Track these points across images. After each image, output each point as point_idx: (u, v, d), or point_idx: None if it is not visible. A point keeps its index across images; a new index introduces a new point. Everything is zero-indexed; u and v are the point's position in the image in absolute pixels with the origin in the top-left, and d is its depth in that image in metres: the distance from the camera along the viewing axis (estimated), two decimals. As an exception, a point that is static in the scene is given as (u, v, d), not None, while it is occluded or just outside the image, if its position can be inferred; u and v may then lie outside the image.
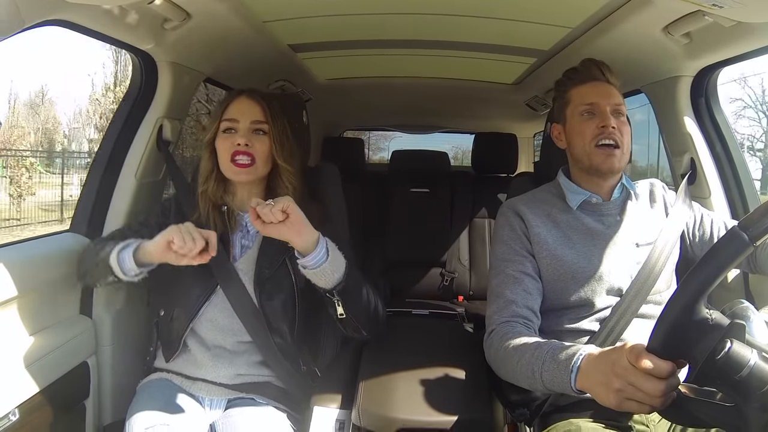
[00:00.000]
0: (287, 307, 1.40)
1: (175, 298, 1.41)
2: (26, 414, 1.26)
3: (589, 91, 1.35)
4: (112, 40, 1.44)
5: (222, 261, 1.38)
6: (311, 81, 2.58)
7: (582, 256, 1.31)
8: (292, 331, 1.42)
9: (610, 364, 0.86)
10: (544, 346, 1.06)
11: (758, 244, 0.74)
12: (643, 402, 0.81)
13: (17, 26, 1.06)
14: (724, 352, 0.74)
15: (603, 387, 0.87)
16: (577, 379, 0.94)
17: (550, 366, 1.01)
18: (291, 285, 1.40)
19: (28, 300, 1.33)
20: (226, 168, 1.39)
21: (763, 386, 0.72)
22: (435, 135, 4.69)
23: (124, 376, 1.59)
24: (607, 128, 1.29)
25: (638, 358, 0.80)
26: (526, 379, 1.09)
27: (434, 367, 1.47)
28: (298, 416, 1.41)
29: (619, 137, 1.30)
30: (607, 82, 1.35)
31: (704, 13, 1.26)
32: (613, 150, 1.30)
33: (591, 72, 1.37)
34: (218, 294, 1.39)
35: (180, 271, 1.32)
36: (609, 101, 1.32)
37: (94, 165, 1.66)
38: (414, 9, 1.70)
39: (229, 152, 1.37)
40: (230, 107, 1.41)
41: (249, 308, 1.38)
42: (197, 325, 1.39)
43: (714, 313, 0.77)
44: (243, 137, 1.37)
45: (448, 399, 1.36)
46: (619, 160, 1.31)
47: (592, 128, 1.31)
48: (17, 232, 10.44)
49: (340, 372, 1.51)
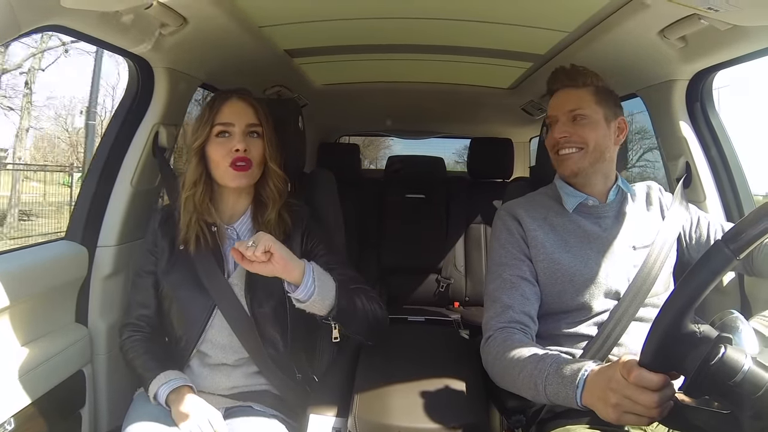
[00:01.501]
0: (278, 313, 1.39)
1: (177, 326, 1.40)
2: (22, 423, 1.25)
3: (553, 103, 1.41)
4: (108, 46, 1.43)
5: (218, 282, 1.37)
6: (307, 86, 2.58)
7: (579, 259, 1.31)
8: (285, 339, 1.41)
9: (607, 380, 0.88)
10: (547, 359, 1.07)
11: (742, 257, 0.76)
12: (641, 414, 0.83)
13: (14, 32, 1.05)
14: (718, 358, 0.74)
15: (602, 402, 0.89)
16: (583, 395, 0.96)
17: (554, 380, 1.02)
18: (281, 290, 1.36)
19: (23, 308, 1.32)
20: (222, 173, 1.36)
21: (757, 391, 0.72)
22: (440, 141, 4.69)
23: (120, 385, 1.58)
24: (556, 139, 1.35)
25: (630, 372, 0.82)
26: (529, 390, 1.09)
27: (430, 373, 1.46)
28: (295, 424, 1.41)
29: (578, 140, 1.33)
30: (574, 87, 1.37)
31: (700, 17, 1.27)
32: (567, 156, 1.34)
33: (555, 83, 1.41)
34: (217, 315, 1.38)
35: (177, 298, 1.36)
36: (564, 109, 1.36)
37: (89, 172, 1.65)
38: (410, 14, 1.70)
39: (228, 158, 1.34)
40: (223, 110, 1.36)
41: (244, 322, 1.37)
42: (201, 347, 1.39)
43: (702, 326, 0.78)
44: (241, 142, 1.34)
45: (445, 406, 1.35)
46: (578, 162, 1.34)
47: (553, 139, 1.37)
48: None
49: (336, 379, 1.50)
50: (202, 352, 1.40)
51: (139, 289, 1.43)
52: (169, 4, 1.33)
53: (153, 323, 1.43)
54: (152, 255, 1.42)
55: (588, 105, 1.34)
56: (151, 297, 1.42)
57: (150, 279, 1.42)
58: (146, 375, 1.33)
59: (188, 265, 1.37)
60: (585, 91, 1.36)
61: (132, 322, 1.42)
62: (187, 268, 1.38)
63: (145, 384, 1.33)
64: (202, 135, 1.36)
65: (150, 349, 1.38)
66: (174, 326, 1.40)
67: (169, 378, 1.31)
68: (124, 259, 1.63)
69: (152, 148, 1.67)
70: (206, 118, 1.36)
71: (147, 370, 1.34)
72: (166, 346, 1.43)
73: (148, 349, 1.38)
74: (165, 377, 1.31)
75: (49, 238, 1.73)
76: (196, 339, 1.37)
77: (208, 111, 1.37)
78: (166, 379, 1.31)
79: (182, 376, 1.34)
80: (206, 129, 1.35)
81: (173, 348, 1.41)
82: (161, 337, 1.43)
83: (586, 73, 1.38)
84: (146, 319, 1.42)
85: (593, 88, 1.37)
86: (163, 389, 1.30)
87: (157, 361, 1.35)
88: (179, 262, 1.39)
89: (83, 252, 1.54)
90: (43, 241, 1.59)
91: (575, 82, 1.37)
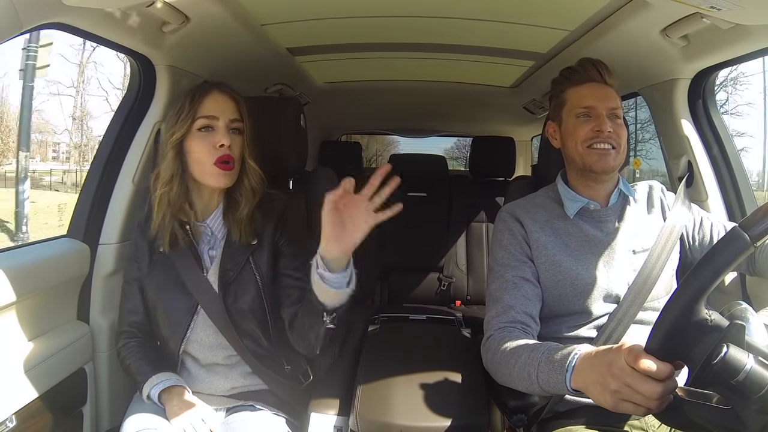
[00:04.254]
0: (255, 308, 1.36)
1: (162, 327, 1.39)
2: (23, 421, 1.25)
3: (586, 93, 1.34)
4: (110, 44, 1.43)
5: (197, 279, 1.36)
6: (309, 84, 2.58)
7: (580, 263, 1.31)
8: (266, 332, 1.39)
9: (607, 364, 0.85)
10: (540, 348, 1.07)
11: (759, 244, 0.75)
12: (639, 404, 0.81)
13: (15, 30, 1.05)
14: (720, 357, 0.74)
15: (599, 386, 0.87)
16: (572, 378, 0.95)
17: (546, 367, 1.01)
18: (256, 285, 1.35)
19: (25, 305, 1.32)
20: (204, 171, 1.31)
21: (760, 389, 0.72)
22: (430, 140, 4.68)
23: (122, 383, 1.57)
24: (602, 133, 1.29)
25: (637, 359, 0.79)
26: (522, 381, 1.09)
27: (432, 372, 1.46)
28: (297, 422, 1.41)
29: (616, 139, 1.30)
30: (605, 84, 1.35)
31: (702, 16, 1.27)
32: (608, 150, 1.30)
33: (588, 73, 1.36)
34: (200, 313, 1.37)
35: (160, 300, 1.36)
36: (606, 104, 1.32)
37: (91, 169, 1.65)
38: (412, 12, 1.70)
39: (212, 154, 1.29)
40: (205, 103, 1.30)
41: (223, 317, 1.36)
42: (188, 347, 1.38)
43: (713, 314, 0.77)
44: (225, 137, 1.29)
45: (446, 405, 1.35)
46: (614, 160, 1.31)
47: (586, 131, 1.31)
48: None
49: (337, 378, 1.50)
50: (190, 353, 1.39)
51: (128, 296, 1.42)
52: (171, 2, 1.33)
53: (145, 329, 1.43)
54: (135, 261, 1.41)
55: (620, 105, 1.34)
56: (139, 303, 1.41)
57: (135, 285, 1.41)
58: (140, 378, 1.34)
59: (168, 266, 1.36)
60: (614, 90, 1.35)
61: (125, 330, 1.42)
62: (167, 270, 1.36)
63: (139, 387, 1.33)
64: (182, 128, 1.29)
65: (144, 355, 1.38)
66: (160, 328, 1.39)
67: (160, 379, 1.32)
68: (125, 257, 1.63)
69: (154, 145, 1.66)
70: (187, 110, 1.29)
71: (140, 373, 1.34)
72: (159, 349, 1.42)
73: (143, 355, 1.38)
74: (157, 378, 1.32)
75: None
76: (181, 339, 1.36)
77: (188, 103, 1.30)
78: (157, 381, 1.31)
79: (174, 377, 1.34)
80: (187, 122, 1.29)
81: (164, 350, 1.41)
82: (154, 341, 1.43)
83: (612, 74, 1.36)
84: (137, 325, 1.42)
85: (615, 90, 1.36)
86: (154, 390, 1.30)
87: (150, 365, 1.35)
88: (159, 264, 1.37)
89: (85, 249, 1.54)
90: (46, 238, 1.58)
91: (610, 80, 1.35)
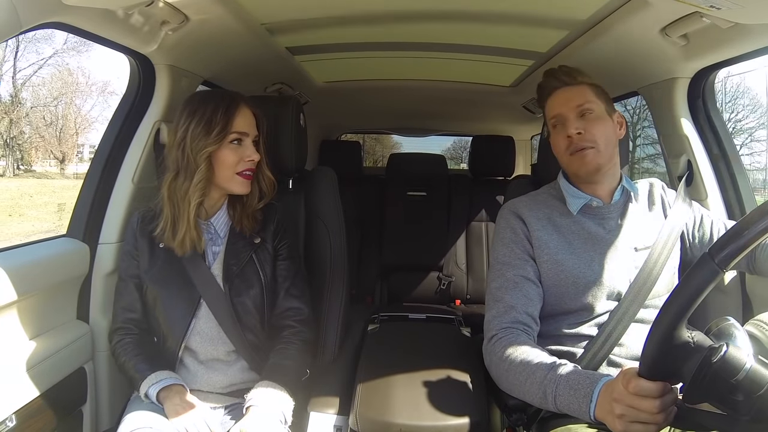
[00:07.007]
0: (257, 302, 1.40)
1: (163, 322, 1.39)
2: (23, 420, 1.25)
3: (553, 102, 1.38)
4: (109, 43, 1.43)
5: (201, 272, 1.38)
6: (309, 84, 2.58)
7: (583, 261, 1.30)
8: (263, 326, 1.42)
9: (610, 392, 0.91)
10: (557, 369, 1.07)
11: (728, 269, 0.77)
12: (647, 422, 0.85)
13: (15, 29, 1.05)
14: (720, 356, 0.75)
15: (609, 415, 0.91)
16: (596, 409, 0.97)
17: (565, 391, 1.02)
18: (259, 281, 1.40)
19: (25, 305, 1.32)
20: (230, 179, 1.37)
21: (759, 390, 0.73)
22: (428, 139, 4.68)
23: (122, 382, 1.57)
24: (572, 138, 1.31)
25: (629, 382, 0.85)
26: (535, 397, 1.09)
27: (431, 371, 1.46)
28: (296, 421, 1.40)
29: (590, 138, 1.30)
30: (569, 85, 1.36)
31: (701, 15, 1.26)
32: (584, 152, 1.30)
33: (551, 83, 1.39)
34: (203, 306, 1.38)
35: (161, 294, 1.37)
36: (570, 105, 1.33)
37: (91, 168, 1.64)
38: (412, 12, 1.70)
39: (240, 165, 1.36)
40: (238, 119, 1.36)
41: (226, 310, 1.38)
42: (189, 341, 1.39)
43: (696, 335, 0.80)
44: (255, 152, 1.38)
45: (446, 403, 1.36)
46: (594, 158, 1.30)
47: (561, 140, 1.34)
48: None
49: (336, 376, 1.50)
50: (191, 348, 1.39)
51: (123, 294, 1.42)
52: (171, 2, 1.33)
53: (141, 326, 1.42)
54: (134, 259, 1.41)
55: (591, 99, 1.34)
56: (136, 300, 1.41)
57: (132, 282, 1.41)
58: (137, 376, 1.33)
59: (169, 260, 1.38)
60: (583, 87, 1.36)
61: (120, 326, 1.42)
62: (169, 264, 1.38)
63: (136, 385, 1.33)
64: (216, 143, 1.34)
65: (141, 352, 1.38)
66: (160, 323, 1.39)
67: (159, 378, 1.32)
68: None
69: (153, 145, 1.67)
70: (220, 126, 1.34)
71: (138, 371, 1.34)
72: (156, 346, 1.42)
73: (139, 352, 1.38)
74: (156, 377, 1.32)
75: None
76: (183, 333, 1.37)
77: (222, 118, 1.34)
78: (156, 379, 1.31)
79: (173, 376, 1.34)
80: (221, 135, 1.34)
81: (162, 347, 1.41)
82: (150, 338, 1.43)
83: (579, 71, 1.38)
84: (134, 321, 1.42)
85: (588, 84, 1.36)
86: (153, 389, 1.30)
87: (148, 362, 1.35)
88: (160, 258, 1.39)
89: (85, 249, 1.54)
90: (45, 238, 1.58)
91: (573, 80, 1.37)
